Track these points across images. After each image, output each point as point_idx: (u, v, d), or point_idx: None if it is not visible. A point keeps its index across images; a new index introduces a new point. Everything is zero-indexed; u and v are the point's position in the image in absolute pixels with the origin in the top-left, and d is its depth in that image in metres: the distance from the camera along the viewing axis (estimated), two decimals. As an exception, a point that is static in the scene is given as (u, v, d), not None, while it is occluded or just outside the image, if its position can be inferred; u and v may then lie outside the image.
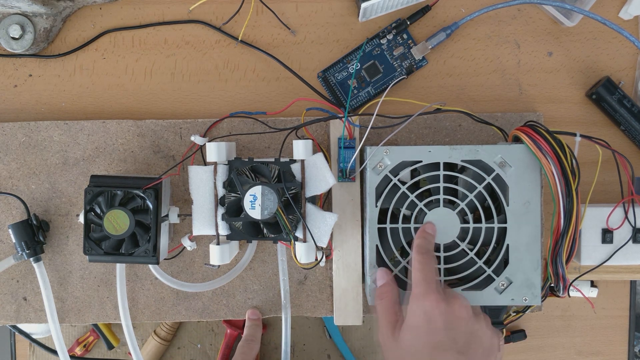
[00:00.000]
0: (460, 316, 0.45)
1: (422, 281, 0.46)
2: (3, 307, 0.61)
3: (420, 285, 0.46)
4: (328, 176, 0.52)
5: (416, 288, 0.47)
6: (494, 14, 0.61)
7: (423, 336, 0.44)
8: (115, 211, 0.52)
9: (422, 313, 0.45)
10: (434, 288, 0.46)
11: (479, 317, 0.46)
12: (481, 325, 0.46)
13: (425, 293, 0.45)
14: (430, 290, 0.45)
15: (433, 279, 0.47)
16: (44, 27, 0.60)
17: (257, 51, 0.61)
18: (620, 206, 0.58)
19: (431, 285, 0.46)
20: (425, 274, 0.47)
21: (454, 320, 0.44)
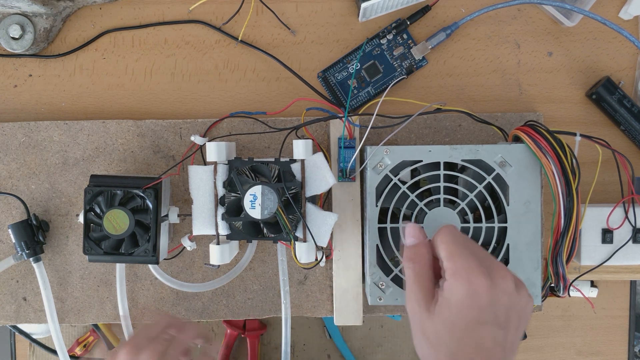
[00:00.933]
0: (504, 290, 0.41)
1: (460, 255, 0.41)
2: (3, 307, 0.60)
3: (457, 260, 0.41)
4: (328, 176, 0.52)
5: (453, 263, 0.41)
6: (494, 14, 0.61)
7: (463, 313, 0.40)
8: (115, 211, 0.52)
9: (465, 291, 0.40)
10: (474, 262, 0.41)
11: (519, 287, 0.42)
12: (521, 296, 0.42)
13: (467, 268, 0.40)
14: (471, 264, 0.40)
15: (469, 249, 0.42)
16: (44, 27, 0.60)
17: (257, 51, 0.61)
18: (620, 206, 0.58)
19: (470, 259, 0.41)
20: (460, 246, 0.42)
21: (498, 294, 0.40)
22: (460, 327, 0.40)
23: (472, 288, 0.40)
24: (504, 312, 0.40)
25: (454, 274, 0.41)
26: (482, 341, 0.39)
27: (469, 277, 0.40)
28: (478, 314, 0.40)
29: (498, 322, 0.40)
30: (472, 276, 0.40)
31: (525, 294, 0.42)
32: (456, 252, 0.41)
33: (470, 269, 0.40)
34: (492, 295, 0.40)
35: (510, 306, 0.41)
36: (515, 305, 0.41)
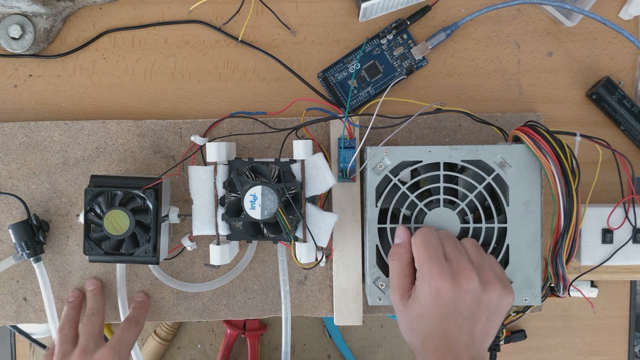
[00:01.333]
0: (467, 290, 0.46)
1: (426, 260, 0.47)
2: (3, 307, 0.61)
3: (424, 264, 0.47)
4: (328, 176, 0.52)
5: (421, 267, 0.48)
6: (494, 14, 0.61)
7: (429, 310, 0.46)
8: (115, 211, 0.52)
9: (429, 291, 0.46)
10: (438, 266, 0.46)
11: (487, 286, 0.47)
12: (488, 294, 0.47)
13: (430, 272, 0.46)
14: (434, 268, 0.46)
15: (436, 255, 0.47)
16: (44, 27, 0.60)
17: (257, 51, 0.61)
18: (621, 206, 0.58)
19: (435, 263, 0.47)
20: (428, 252, 0.48)
21: (461, 294, 0.46)
22: (427, 320, 0.46)
23: (434, 290, 0.46)
24: (468, 307, 0.46)
25: (421, 276, 0.47)
26: (447, 330, 0.46)
27: (431, 281, 0.46)
28: (441, 310, 0.46)
29: (462, 315, 0.46)
30: (434, 280, 0.46)
31: (495, 293, 0.47)
32: (424, 257, 0.48)
33: (433, 274, 0.46)
34: (454, 295, 0.46)
35: (476, 302, 0.46)
36: (481, 301, 0.46)
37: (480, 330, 0.47)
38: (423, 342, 0.47)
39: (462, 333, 0.46)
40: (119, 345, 0.54)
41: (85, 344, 0.53)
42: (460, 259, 0.48)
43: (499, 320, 0.48)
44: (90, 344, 0.53)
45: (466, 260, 0.48)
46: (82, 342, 0.54)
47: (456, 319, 0.46)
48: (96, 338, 0.54)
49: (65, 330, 0.55)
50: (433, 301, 0.46)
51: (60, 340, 0.55)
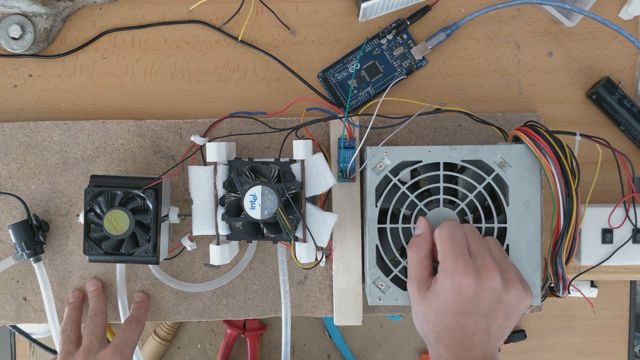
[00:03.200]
0: (488, 288, 0.46)
1: (451, 254, 0.47)
2: (3, 307, 0.61)
3: (449, 258, 0.47)
4: (328, 176, 0.52)
5: (444, 261, 0.47)
6: (494, 14, 0.61)
7: (449, 304, 0.46)
8: (115, 211, 0.52)
9: (451, 286, 0.46)
10: (463, 261, 0.46)
11: (508, 285, 0.47)
12: (509, 293, 0.47)
13: (454, 268, 0.46)
14: (458, 264, 0.46)
15: (460, 250, 0.47)
16: (44, 27, 0.60)
17: (257, 51, 0.61)
18: (621, 205, 0.58)
19: (459, 258, 0.46)
20: (453, 245, 0.47)
21: (482, 292, 0.46)
22: (446, 314, 0.46)
23: (456, 285, 0.46)
24: (487, 304, 0.46)
25: (443, 270, 0.47)
26: (465, 326, 0.45)
27: (454, 276, 0.46)
28: (461, 306, 0.46)
29: (481, 312, 0.46)
30: (457, 275, 0.46)
31: (516, 292, 0.47)
32: (448, 250, 0.47)
33: (457, 269, 0.46)
34: (476, 292, 0.45)
35: (496, 300, 0.46)
36: (502, 300, 0.46)
37: (496, 328, 0.46)
38: (438, 335, 0.46)
39: (479, 330, 0.45)
40: (122, 345, 0.54)
41: (89, 344, 0.54)
42: (485, 256, 0.48)
43: (515, 320, 0.48)
44: (94, 344, 0.54)
45: (490, 258, 0.48)
46: (85, 342, 0.54)
47: (475, 315, 0.46)
48: (100, 338, 0.55)
49: (68, 331, 0.56)
50: (454, 296, 0.46)
51: (63, 340, 0.55)
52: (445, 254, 0.47)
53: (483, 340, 0.45)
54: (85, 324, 0.57)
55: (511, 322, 0.48)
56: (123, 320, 0.58)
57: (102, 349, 0.53)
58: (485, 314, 0.46)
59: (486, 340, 0.46)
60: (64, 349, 0.54)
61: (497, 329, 0.46)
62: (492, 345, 0.46)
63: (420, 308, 0.48)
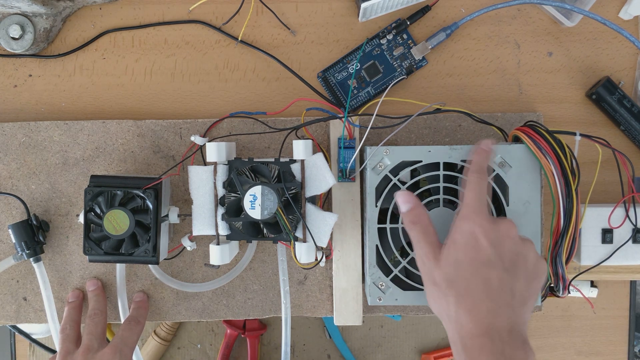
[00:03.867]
0: (507, 235, 0.45)
1: (475, 201, 0.46)
2: (3, 307, 0.61)
3: (471, 205, 0.46)
4: (328, 176, 0.52)
5: (466, 208, 0.46)
6: (494, 14, 0.61)
7: (469, 252, 0.44)
8: (115, 211, 0.52)
9: (469, 230, 0.44)
10: (484, 210, 0.45)
11: (525, 241, 0.46)
12: (528, 248, 0.45)
13: (475, 212, 0.45)
14: (480, 210, 0.45)
15: (485, 201, 0.46)
16: (44, 27, 0.60)
17: (257, 51, 0.61)
18: (621, 205, 0.58)
19: (482, 207, 0.46)
20: (479, 195, 0.46)
21: (501, 238, 0.44)
22: (467, 266, 0.43)
23: (477, 228, 0.44)
24: (508, 255, 0.43)
25: (464, 216, 0.45)
26: (489, 280, 0.42)
27: (476, 218, 0.44)
28: (483, 253, 0.43)
29: (504, 264, 0.43)
30: (478, 218, 0.44)
31: (532, 249, 0.45)
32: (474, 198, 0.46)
33: (478, 213, 0.45)
34: (496, 237, 0.43)
35: (515, 252, 0.44)
36: (520, 252, 0.44)
37: (520, 290, 0.43)
38: (458, 298, 0.42)
39: (503, 286, 0.42)
40: (121, 344, 0.54)
41: (89, 343, 0.54)
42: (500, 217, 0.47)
43: (536, 287, 0.45)
44: (93, 344, 0.54)
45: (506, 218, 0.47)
46: (85, 342, 0.54)
47: (497, 268, 0.43)
48: (99, 338, 0.55)
49: (67, 330, 0.56)
50: (472, 241, 0.44)
51: (62, 339, 0.55)
52: (470, 200, 0.46)
53: (508, 304, 0.42)
54: (85, 324, 0.57)
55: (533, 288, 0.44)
56: (123, 320, 0.58)
57: (102, 348, 0.53)
58: (507, 267, 0.43)
59: (511, 304, 0.42)
60: (63, 348, 0.54)
61: (520, 291, 0.43)
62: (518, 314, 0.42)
63: (437, 273, 0.45)
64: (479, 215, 0.45)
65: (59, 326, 0.57)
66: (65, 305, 0.59)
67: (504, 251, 0.44)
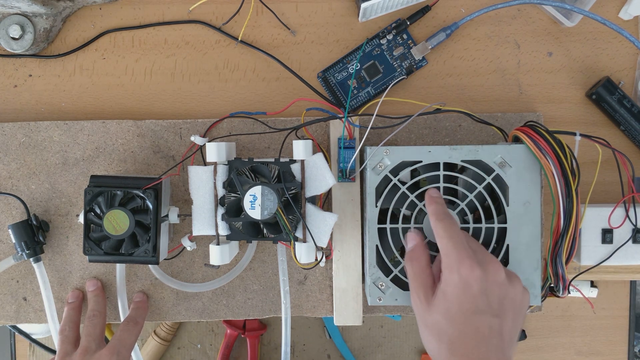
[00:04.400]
0: (495, 281, 0.45)
1: (453, 249, 0.45)
2: (3, 307, 0.61)
3: (451, 254, 0.45)
4: (328, 176, 0.52)
5: (447, 257, 0.46)
6: (494, 14, 0.61)
7: (459, 303, 0.44)
8: (115, 211, 0.52)
9: (457, 281, 0.44)
10: (465, 254, 0.45)
11: (512, 279, 0.46)
12: (514, 287, 0.46)
13: (458, 261, 0.45)
14: (462, 257, 0.45)
15: (462, 244, 0.46)
16: (44, 27, 0.60)
17: (257, 51, 0.61)
18: (621, 205, 0.58)
19: (462, 252, 0.45)
20: (453, 241, 0.46)
21: (490, 285, 0.44)
22: (457, 316, 0.44)
23: (464, 278, 0.44)
24: (497, 301, 0.44)
25: (448, 266, 0.45)
26: (479, 329, 0.43)
27: (461, 269, 0.44)
28: (472, 302, 0.44)
29: (492, 310, 0.44)
30: (463, 267, 0.44)
31: (519, 287, 0.46)
32: (450, 246, 0.46)
33: (462, 261, 0.45)
34: (484, 285, 0.44)
35: (504, 296, 0.45)
36: (508, 295, 0.45)
37: (508, 331, 0.45)
38: (451, 346, 0.44)
39: (492, 332, 0.44)
40: (119, 345, 0.54)
41: (87, 344, 0.54)
42: (484, 250, 0.47)
43: (521, 321, 0.47)
44: (91, 345, 0.54)
45: (487, 252, 0.47)
46: (83, 343, 0.54)
47: (487, 314, 0.44)
48: (97, 339, 0.55)
49: (66, 332, 0.56)
50: (463, 291, 0.44)
51: (61, 340, 0.55)
52: (447, 249, 0.46)
53: (498, 348, 0.43)
54: (84, 325, 0.57)
55: (518, 324, 0.46)
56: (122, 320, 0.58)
57: (100, 349, 0.53)
58: (496, 313, 0.44)
59: (500, 346, 0.44)
60: (62, 350, 0.54)
61: (508, 332, 0.45)
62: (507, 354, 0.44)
63: (429, 318, 0.46)
64: (463, 265, 0.44)
65: (58, 326, 0.57)
66: (65, 305, 0.59)
67: (493, 298, 0.45)
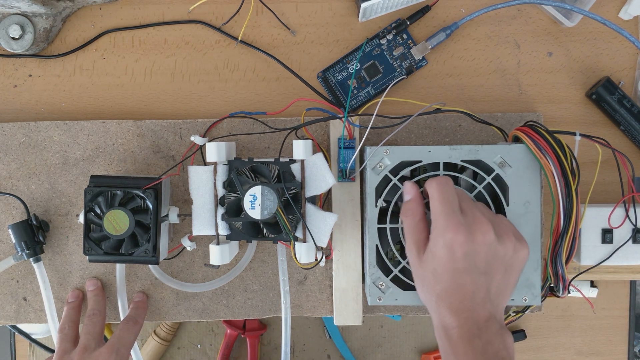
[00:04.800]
0: (481, 243, 0.45)
1: (441, 213, 0.46)
2: (3, 307, 0.61)
3: (440, 217, 0.46)
4: (328, 176, 0.52)
5: (437, 220, 0.47)
6: (494, 14, 0.61)
7: (444, 264, 0.46)
8: (115, 211, 0.52)
9: (443, 244, 0.46)
10: (454, 219, 0.46)
11: (501, 238, 0.46)
12: (504, 245, 0.46)
13: (445, 226, 0.46)
14: (450, 221, 0.46)
15: (451, 207, 0.46)
16: (44, 27, 0.60)
17: (257, 51, 0.61)
18: (621, 205, 0.58)
19: (451, 216, 0.46)
20: (443, 204, 0.47)
21: (475, 247, 0.45)
22: (443, 274, 0.46)
23: (449, 243, 0.45)
24: (483, 260, 0.46)
25: (435, 229, 0.47)
26: (463, 285, 0.45)
27: (446, 234, 0.46)
28: (457, 264, 0.45)
29: (478, 269, 0.45)
30: (449, 233, 0.45)
31: (510, 244, 0.47)
32: (439, 209, 0.47)
33: (448, 227, 0.46)
34: (470, 248, 0.45)
35: (492, 255, 0.46)
36: (497, 254, 0.46)
37: (496, 285, 0.46)
38: (438, 298, 0.46)
39: (478, 288, 0.45)
40: (118, 344, 0.54)
41: (86, 342, 0.54)
42: (476, 213, 0.47)
43: (515, 275, 0.48)
44: (90, 343, 0.54)
45: (481, 214, 0.47)
46: (82, 341, 0.54)
47: (472, 273, 0.45)
48: (97, 338, 0.55)
49: (66, 330, 0.56)
50: (448, 255, 0.45)
51: (60, 339, 0.55)
52: (436, 212, 0.47)
53: (484, 299, 0.45)
54: (84, 323, 0.57)
55: (511, 278, 0.47)
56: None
57: (99, 347, 0.54)
58: (483, 271, 0.45)
59: (487, 298, 0.45)
60: (61, 348, 0.55)
61: (497, 286, 0.46)
62: (495, 304, 0.46)
63: (419, 272, 0.48)
64: (449, 230, 0.45)
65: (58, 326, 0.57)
66: (65, 305, 0.59)
67: (479, 258, 0.46)
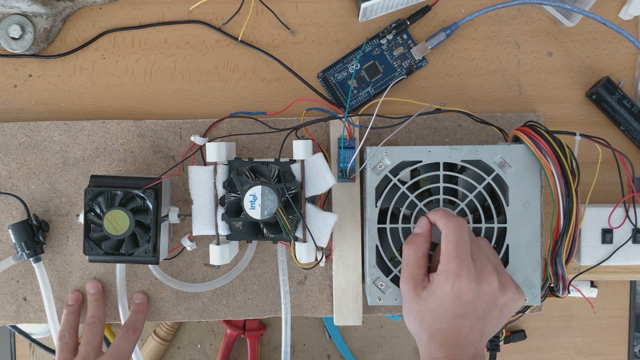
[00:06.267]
0: (486, 292, 0.46)
1: (455, 257, 0.46)
2: (3, 307, 0.61)
3: (452, 261, 0.46)
4: (328, 176, 0.52)
5: (448, 263, 0.46)
6: (494, 14, 0.61)
7: (446, 306, 0.46)
8: (115, 211, 0.52)
9: (451, 289, 0.46)
10: (466, 267, 0.46)
11: (504, 288, 0.47)
12: (504, 295, 0.47)
13: (457, 272, 0.46)
14: (463, 268, 0.46)
15: (465, 254, 0.46)
16: (44, 27, 0.60)
17: (257, 51, 0.61)
18: (621, 205, 0.58)
19: (463, 264, 0.46)
20: (458, 249, 0.46)
21: (479, 296, 0.46)
22: (443, 316, 0.46)
23: (456, 290, 0.46)
24: (483, 307, 0.46)
25: (445, 272, 0.46)
26: (460, 328, 0.46)
27: (455, 281, 0.46)
28: (459, 309, 0.46)
29: (476, 314, 0.46)
30: (458, 280, 0.46)
31: (510, 294, 0.48)
32: (453, 254, 0.46)
33: (460, 274, 0.46)
34: (474, 296, 0.46)
35: (492, 303, 0.47)
36: (497, 302, 0.47)
37: (489, 328, 0.47)
38: (431, 335, 0.46)
39: (474, 331, 0.46)
40: (117, 354, 0.55)
41: (85, 353, 0.55)
42: (483, 260, 0.47)
43: (506, 319, 0.49)
44: (90, 354, 0.55)
45: (487, 261, 0.47)
46: (82, 352, 0.55)
47: (471, 318, 0.46)
48: (96, 348, 0.56)
49: (66, 338, 0.56)
50: (452, 299, 0.46)
51: (60, 348, 0.56)
52: (449, 255, 0.46)
53: (476, 340, 0.46)
54: (83, 331, 0.57)
55: (502, 322, 0.49)
56: (123, 321, 0.58)
57: (98, 358, 0.54)
58: (480, 316, 0.46)
59: (479, 339, 0.46)
60: (61, 357, 0.55)
61: (490, 328, 0.47)
62: (483, 343, 0.47)
63: (415, 307, 0.48)
64: (460, 278, 0.46)
65: (58, 326, 0.58)
66: (64, 307, 0.59)
67: (480, 305, 0.46)
